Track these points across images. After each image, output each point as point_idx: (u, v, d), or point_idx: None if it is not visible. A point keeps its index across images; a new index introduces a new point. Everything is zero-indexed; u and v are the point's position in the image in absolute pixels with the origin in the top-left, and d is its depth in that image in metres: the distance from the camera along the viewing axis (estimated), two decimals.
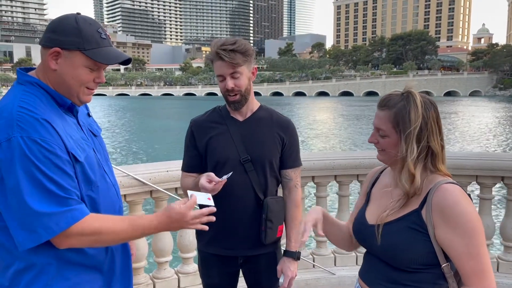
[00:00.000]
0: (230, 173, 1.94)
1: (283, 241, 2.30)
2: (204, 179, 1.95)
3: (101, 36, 1.56)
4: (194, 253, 3.46)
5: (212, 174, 1.95)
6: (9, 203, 1.39)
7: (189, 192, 1.71)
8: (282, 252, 2.27)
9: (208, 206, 1.69)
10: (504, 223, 3.59)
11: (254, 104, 2.20)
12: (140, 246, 3.17)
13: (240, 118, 2.17)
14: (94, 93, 1.63)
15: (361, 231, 1.67)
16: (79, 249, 1.54)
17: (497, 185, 3.61)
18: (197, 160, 2.20)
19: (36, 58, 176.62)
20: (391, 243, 1.51)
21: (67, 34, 1.51)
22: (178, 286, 3.40)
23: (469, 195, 1.48)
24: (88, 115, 1.81)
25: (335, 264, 3.79)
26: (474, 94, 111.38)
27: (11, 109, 1.43)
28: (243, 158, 2.09)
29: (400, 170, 1.52)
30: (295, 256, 2.19)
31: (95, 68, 1.56)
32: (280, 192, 2.28)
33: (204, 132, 2.17)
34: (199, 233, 2.29)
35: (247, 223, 2.12)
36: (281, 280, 2.15)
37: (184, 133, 2.15)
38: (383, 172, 1.76)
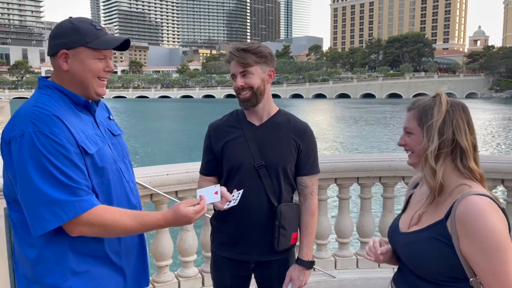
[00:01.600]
0: (241, 191, 1.92)
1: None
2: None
3: (96, 28, 1.69)
4: (195, 256, 3.44)
5: (224, 192, 1.90)
6: (23, 193, 1.52)
7: (198, 192, 1.76)
8: (295, 257, 2.24)
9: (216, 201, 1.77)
10: None
11: (271, 108, 2.17)
12: None
13: (257, 123, 2.14)
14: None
15: (393, 238, 1.66)
16: (93, 242, 1.65)
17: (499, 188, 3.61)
18: (214, 164, 2.21)
19: (33, 60, 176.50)
20: (415, 253, 1.49)
21: (67, 35, 1.65)
22: None
23: (503, 210, 1.41)
24: (109, 118, 1.92)
25: (335, 267, 3.78)
26: (470, 96, 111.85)
27: (26, 109, 1.58)
28: (257, 164, 2.07)
29: (423, 165, 1.49)
30: (307, 264, 2.14)
31: (102, 58, 1.69)
32: (296, 199, 2.26)
33: (220, 137, 2.17)
34: (213, 235, 2.29)
35: (260, 229, 2.10)
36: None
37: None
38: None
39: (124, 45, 1.75)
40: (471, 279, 1.41)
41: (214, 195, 1.76)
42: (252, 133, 2.13)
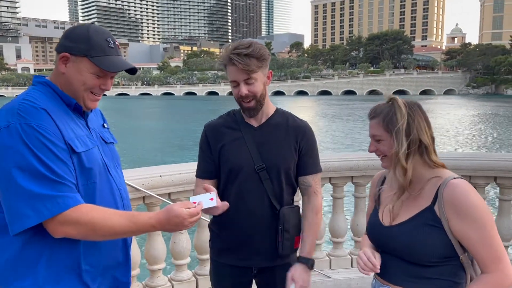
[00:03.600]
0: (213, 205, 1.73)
1: None
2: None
3: (109, 45, 1.64)
4: (188, 259, 3.37)
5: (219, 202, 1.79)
6: (2, 187, 1.44)
7: (192, 199, 1.67)
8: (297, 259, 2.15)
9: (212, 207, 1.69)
10: (497, 222, 3.62)
11: (269, 108, 2.10)
12: (132, 254, 3.05)
13: (255, 124, 2.08)
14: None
15: (376, 233, 1.74)
16: (68, 257, 1.55)
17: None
18: (211, 166, 2.11)
19: (8, 57, 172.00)
20: (410, 241, 1.59)
21: (76, 41, 1.61)
22: None
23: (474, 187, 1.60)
24: (103, 126, 1.88)
25: (330, 267, 3.76)
26: (448, 92, 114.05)
27: (15, 102, 1.54)
28: (257, 167, 2.00)
29: (395, 166, 1.63)
30: (310, 263, 2.04)
31: (102, 75, 1.64)
32: (296, 201, 2.19)
33: (218, 138, 2.09)
34: (212, 242, 2.20)
35: (263, 233, 2.04)
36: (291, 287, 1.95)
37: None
38: (386, 176, 1.86)
39: (130, 71, 1.72)
40: (461, 256, 1.58)
41: (209, 201, 1.68)
42: (251, 134, 2.05)
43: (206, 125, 2.16)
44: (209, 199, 1.69)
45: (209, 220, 2.23)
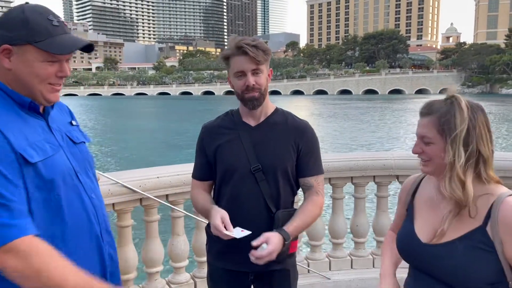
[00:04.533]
0: (248, 233, 1.79)
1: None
2: (218, 220, 1.80)
3: (52, 23, 1.39)
4: (186, 262, 3.32)
5: (227, 220, 1.80)
6: None
7: (233, 234, 1.73)
8: (297, 269, 2.13)
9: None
10: None
11: (268, 107, 2.04)
12: (129, 257, 3.00)
13: (253, 123, 2.01)
14: (65, 93, 1.53)
15: (412, 249, 1.56)
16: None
17: None
18: (207, 167, 2.06)
19: None
20: (456, 264, 1.42)
21: (13, 28, 1.36)
22: None
23: None
24: (71, 123, 1.66)
25: (330, 269, 3.72)
26: (444, 91, 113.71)
27: None
28: (253, 167, 1.93)
29: (450, 178, 1.42)
30: (287, 236, 1.85)
31: (54, 60, 1.40)
32: (296, 204, 2.14)
33: (213, 139, 2.04)
34: (209, 245, 2.15)
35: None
36: (264, 246, 1.77)
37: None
38: (422, 180, 1.68)
39: (86, 48, 1.49)
40: (510, 282, 1.40)
41: (241, 233, 1.74)
42: (247, 134, 1.99)
43: (204, 126, 2.12)
44: (241, 231, 1.73)
45: (207, 222, 2.13)
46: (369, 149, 21.53)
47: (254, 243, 1.76)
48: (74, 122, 1.67)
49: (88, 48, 1.48)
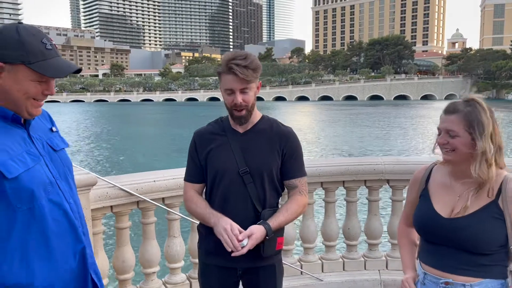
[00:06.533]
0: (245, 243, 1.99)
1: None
2: (228, 227, 2.00)
3: (46, 47, 1.49)
4: (182, 263, 3.43)
5: (236, 231, 2.00)
6: None
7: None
8: (283, 265, 2.27)
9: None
10: None
11: (255, 115, 2.20)
12: (127, 257, 3.12)
13: (241, 130, 2.18)
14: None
15: (433, 224, 1.85)
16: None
17: None
18: (199, 171, 2.22)
19: None
20: (478, 232, 1.74)
21: (8, 47, 1.44)
22: None
23: None
24: (51, 130, 1.73)
25: (322, 270, 3.82)
26: (449, 97, 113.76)
27: None
28: (241, 170, 2.10)
29: (480, 163, 1.74)
30: (270, 233, 2.04)
31: (43, 80, 1.51)
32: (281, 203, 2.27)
33: (205, 144, 2.19)
34: (200, 243, 2.29)
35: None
36: (244, 243, 1.98)
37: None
38: (432, 171, 1.99)
39: (75, 72, 1.62)
40: (511, 245, 1.76)
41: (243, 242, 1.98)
42: (236, 140, 2.15)
43: (195, 132, 2.27)
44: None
45: (197, 222, 2.32)
46: (381, 155, 21.59)
47: (240, 237, 1.98)
48: (54, 129, 1.74)
49: (78, 71, 1.59)
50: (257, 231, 2.01)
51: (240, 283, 2.28)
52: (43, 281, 1.52)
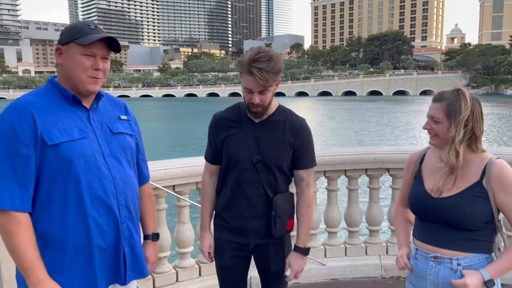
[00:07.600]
0: None
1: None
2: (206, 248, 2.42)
3: (90, 27, 1.78)
4: (191, 248, 3.59)
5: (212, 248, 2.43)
6: None
7: None
8: (291, 241, 2.41)
9: None
10: None
11: (272, 106, 2.27)
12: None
13: (257, 120, 2.26)
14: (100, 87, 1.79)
15: (425, 204, 1.99)
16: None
17: None
18: (215, 153, 2.35)
19: (9, 60, 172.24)
20: (463, 210, 1.88)
21: (64, 32, 1.80)
22: (177, 280, 3.52)
23: None
24: (119, 118, 1.96)
25: (325, 256, 3.98)
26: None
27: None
28: (255, 159, 2.21)
29: (449, 149, 1.89)
30: (303, 251, 2.32)
31: (89, 54, 1.75)
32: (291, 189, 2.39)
33: (222, 129, 2.30)
34: (216, 219, 2.43)
35: (258, 218, 2.27)
36: (287, 273, 2.28)
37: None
38: (425, 154, 2.12)
39: (112, 45, 1.81)
40: (497, 221, 1.92)
41: None
42: (251, 129, 2.24)
43: (214, 116, 2.39)
44: None
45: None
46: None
47: (286, 273, 2.29)
48: (123, 117, 1.98)
49: (110, 41, 1.79)
50: (293, 259, 2.31)
51: (252, 257, 2.42)
52: (74, 240, 1.73)
